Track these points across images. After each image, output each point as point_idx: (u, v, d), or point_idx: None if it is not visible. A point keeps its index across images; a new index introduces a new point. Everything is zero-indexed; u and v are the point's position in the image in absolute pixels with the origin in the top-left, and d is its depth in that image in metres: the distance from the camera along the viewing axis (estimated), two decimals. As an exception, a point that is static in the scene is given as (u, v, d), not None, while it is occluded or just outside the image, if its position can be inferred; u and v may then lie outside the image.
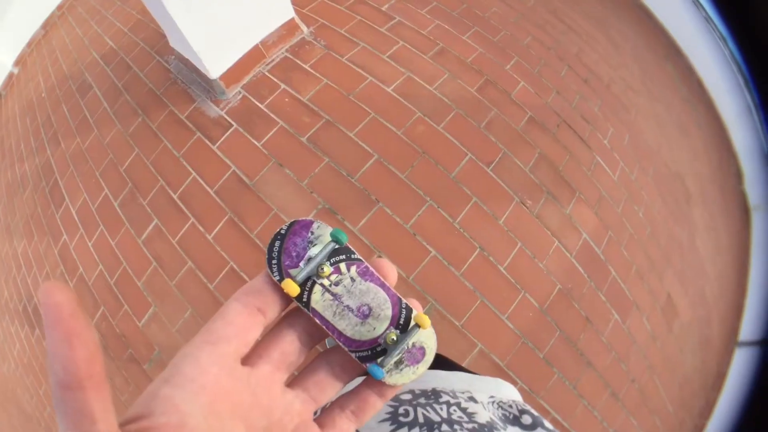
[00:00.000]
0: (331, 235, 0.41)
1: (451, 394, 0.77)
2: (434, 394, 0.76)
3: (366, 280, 0.42)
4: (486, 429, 0.65)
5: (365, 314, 0.42)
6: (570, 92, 3.05)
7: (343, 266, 0.41)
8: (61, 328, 0.26)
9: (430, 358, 0.43)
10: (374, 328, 0.42)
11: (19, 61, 4.94)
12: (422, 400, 0.73)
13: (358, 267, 0.42)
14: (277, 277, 0.40)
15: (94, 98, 3.48)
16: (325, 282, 0.41)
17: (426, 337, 0.43)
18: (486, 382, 0.94)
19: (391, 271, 0.43)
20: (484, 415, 0.71)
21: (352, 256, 0.42)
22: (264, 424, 0.39)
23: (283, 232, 0.42)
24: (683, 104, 4.05)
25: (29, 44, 4.95)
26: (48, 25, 4.93)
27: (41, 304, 0.26)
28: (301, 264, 0.41)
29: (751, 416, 3.00)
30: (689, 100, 4.14)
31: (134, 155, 2.96)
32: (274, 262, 0.41)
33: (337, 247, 0.41)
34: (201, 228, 2.62)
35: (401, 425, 0.65)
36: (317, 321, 0.41)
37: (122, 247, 2.82)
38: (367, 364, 0.42)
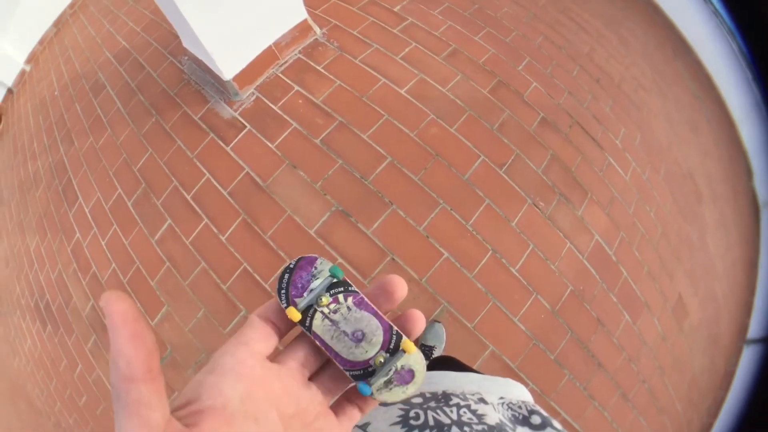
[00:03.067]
0: (330, 270, 0.47)
1: (461, 396, 0.78)
2: (444, 397, 0.78)
3: (361, 309, 0.46)
4: (495, 430, 0.66)
5: (359, 339, 0.46)
6: (582, 92, 3.05)
7: (341, 297, 0.46)
8: (126, 330, 0.31)
9: (419, 379, 0.47)
10: (366, 351, 0.46)
11: (31, 59, 4.95)
12: (432, 404, 0.74)
13: (354, 298, 0.46)
14: (284, 305, 0.46)
15: (107, 98, 3.49)
16: (325, 310, 0.46)
17: (414, 362, 0.47)
18: (496, 382, 0.95)
19: (400, 287, 0.46)
20: (494, 416, 0.72)
21: (350, 289, 0.46)
22: (292, 411, 0.43)
23: (291, 266, 0.47)
24: (693, 101, 4.04)
25: (41, 42, 4.97)
26: (60, 24, 4.95)
27: (105, 311, 0.31)
28: (305, 294, 0.46)
29: (759, 414, 3.00)
30: (699, 96, 4.12)
31: (148, 155, 2.98)
32: (282, 291, 0.46)
33: (334, 281, 0.47)
34: (214, 229, 2.63)
35: (412, 428, 0.67)
36: (317, 343, 0.46)
37: (135, 246, 2.83)
38: (358, 383, 0.46)
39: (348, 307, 0.46)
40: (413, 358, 0.46)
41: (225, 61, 2.69)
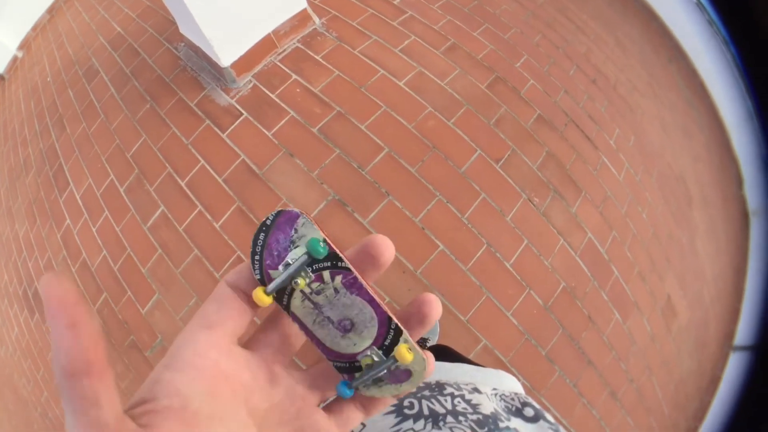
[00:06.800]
0: (307, 245, 0.37)
1: (455, 386, 0.78)
2: (438, 387, 0.77)
3: (352, 293, 0.38)
4: (490, 420, 0.66)
5: (347, 329, 0.39)
6: (578, 92, 3.07)
7: (326, 274, 0.38)
8: (64, 317, 0.27)
9: (417, 380, 0.40)
10: (354, 344, 0.39)
11: (24, 45, 4.92)
12: (426, 393, 0.74)
13: (344, 277, 0.38)
14: (257, 275, 0.39)
15: (101, 83, 3.47)
16: (306, 290, 0.38)
17: (414, 363, 0.39)
18: (489, 374, 0.95)
19: (386, 249, 0.38)
20: (489, 406, 0.72)
21: (339, 264, 0.38)
22: (265, 406, 0.39)
23: (268, 223, 0.38)
24: (687, 107, 4.07)
25: (34, 28, 4.93)
26: (54, 10, 4.91)
27: (43, 295, 0.27)
28: (280, 267, 0.38)
29: (744, 421, 3.02)
30: (692, 103, 4.15)
31: (142, 141, 2.96)
32: (256, 258, 0.38)
33: (310, 259, 0.38)
34: (208, 216, 2.62)
35: (406, 417, 0.66)
36: (297, 325, 0.40)
37: (127, 233, 2.81)
38: (341, 380, 0.41)
39: (335, 289, 0.38)
40: (416, 359, 0.39)
41: (223, 48, 2.68)
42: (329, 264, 0.37)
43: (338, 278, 0.38)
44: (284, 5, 2.83)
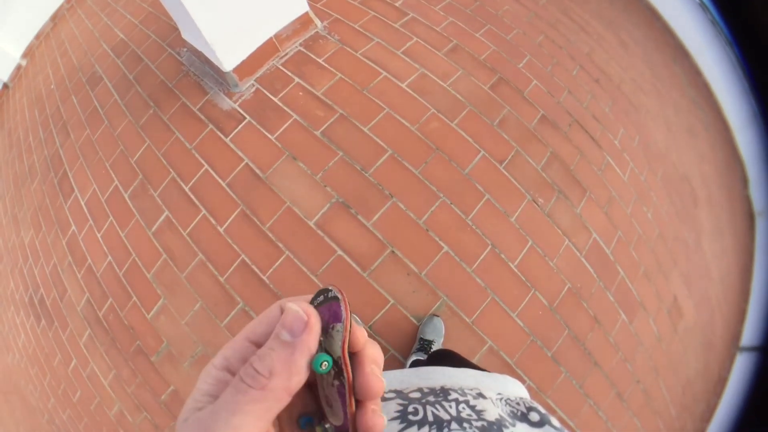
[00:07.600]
0: (314, 359, 0.42)
1: (459, 391, 0.78)
2: (443, 392, 0.77)
3: (338, 398, 0.44)
4: (495, 426, 0.66)
5: (329, 405, 0.45)
6: (581, 92, 3.06)
7: (332, 373, 0.44)
8: (314, 336, 0.41)
9: None
10: (328, 414, 0.46)
11: (27, 53, 4.93)
12: (431, 398, 0.74)
13: (340, 385, 0.43)
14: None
15: (104, 90, 3.48)
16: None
17: None
18: (494, 378, 0.95)
19: (374, 386, 0.42)
20: (493, 411, 0.71)
21: (341, 377, 0.43)
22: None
23: (329, 296, 0.45)
24: (691, 106, 4.05)
25: (38, 36, 4.94)
26: (57, 18, 4.92)
27: (296, 316, 0.41)
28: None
29: (751, 422, 3.00)
30: (697, 102, 4.14)
31: (145, 147, 2.96)
32: (315, 305, 0.45)
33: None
34: (212, 220, 2.62)
35: (411, 424, 0.66)
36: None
37: (132, 238, 2.82)
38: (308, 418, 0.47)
39: (332, 384, 0.44)
40: None
41: (225, 53, 2.69)
42: (337, 369, 0.44)
43: (336, 381, 0.44)
44: (286, 9, 2.83)
